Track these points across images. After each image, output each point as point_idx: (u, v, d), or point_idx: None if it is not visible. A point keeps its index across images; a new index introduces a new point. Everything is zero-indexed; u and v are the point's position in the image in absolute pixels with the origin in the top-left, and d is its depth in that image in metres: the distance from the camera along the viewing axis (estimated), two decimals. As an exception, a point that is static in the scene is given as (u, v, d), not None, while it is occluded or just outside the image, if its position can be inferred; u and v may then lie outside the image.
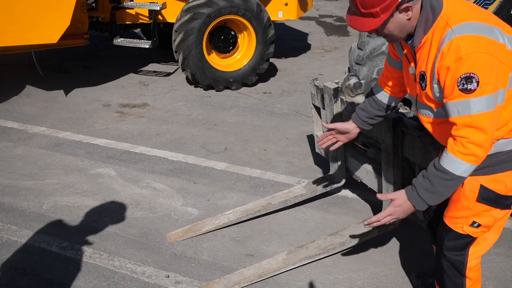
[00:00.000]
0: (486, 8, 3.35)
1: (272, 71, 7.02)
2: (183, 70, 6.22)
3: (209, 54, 6.26)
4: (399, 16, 1.98)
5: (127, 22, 6.62)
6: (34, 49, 5.84)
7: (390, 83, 2.49)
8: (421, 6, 2.00)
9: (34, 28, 5.34)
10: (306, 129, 5.10)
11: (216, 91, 6.27)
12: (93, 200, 3.77)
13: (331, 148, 2.71)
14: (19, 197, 3.81)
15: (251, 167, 4.33)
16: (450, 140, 1.97)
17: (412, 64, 2.14)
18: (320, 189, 3.62)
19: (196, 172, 4.24)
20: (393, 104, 2.56)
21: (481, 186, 2.09)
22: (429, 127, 2.19)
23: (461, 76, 1.86)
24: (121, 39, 6.54)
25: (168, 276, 2.96)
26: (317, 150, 3.90)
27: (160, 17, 6.48)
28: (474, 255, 2.25)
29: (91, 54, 7.74)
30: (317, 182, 3.67)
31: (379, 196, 2.20)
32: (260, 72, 6.38)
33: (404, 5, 1.95)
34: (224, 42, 6.36)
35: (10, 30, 5.26)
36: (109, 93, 6.17)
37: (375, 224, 2.17)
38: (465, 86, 1.86)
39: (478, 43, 1.87)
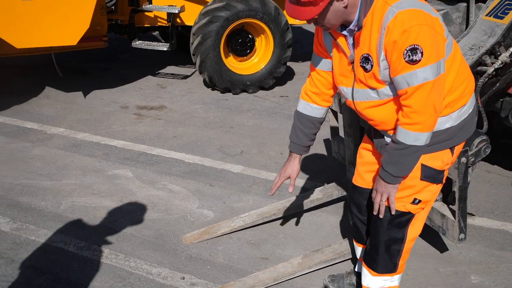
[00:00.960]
0: (507, 13, 3.33)
1: (289, 74, 7.02)
2: (200, 73, 6.25)
3: (226, 57, 6.28)
4: (336, 4, 2.07)
5: (145, 25, 6.67)
6: (54, 51, 5.91)
7: (318, 85, 2.50)
8: None
9: (54, 31, 5.41)
10: (322, 133, 5.05)
11: (233, 94, 6.28)
12: (110, 201, 3.80)
13: (290, 190, 2.74)
14: (38, 197, 3.85)
15: (267, 170, 4.33)
16: (400, 112, 2.13)
17: (348, 52, 2.22)
18: (336, 193, 3.61)
19: (212, 174, 4.25)
20: (324, 116, 2.62)
21: (422, 165, 2.25)
22: (371, 112, 2.27)
23: (407, 49, 1.99)
24: (140, 41, 6.58)
25: (184, 278, 2.97)
26: (333, 154, 3.89)
27: (178, 20, 6.52)
28: (412, 235, 2.42)
29: (110, 56, 7.81)
30: (333, 186, 3.65)
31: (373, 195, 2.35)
32: (277, 76, 6.38)
33: None
34: (242, 45, 6.38)
35: (31, 32, 5.33)
36: (127, 95, 6.22)
37: (381, 208, 2.31)
38: (411, 57, 1.99)
39: (418, 16, 2.01)
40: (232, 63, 6.35)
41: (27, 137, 4.96)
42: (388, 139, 2.30)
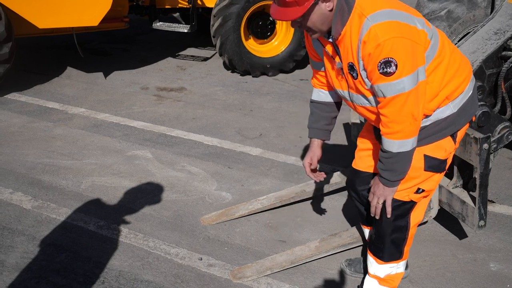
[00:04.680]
0: None
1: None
2: (220, 55, 6.24)
3: (246, 39, 6.25)
4: (321, 6, 2.07)
5: (166, 6, 6.66)
6: (75, 31, 5.94)
7: (324, 81, 2.53)
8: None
9: (76, 11, 5.43)
10: (342, 117, 5.01)
11: (253, 76, 6.26)
12: (129, 181, 3.83)
13: (319, 180, 2.67)
14: (59, 176, 3.90)
15: (286, 153, 4.33)
16: (380, 122, 2.17)
17: (337, 59, 2.22)
18: (355, 178, 3.59)
19: (231, 157, 4.26)
20: (338, 100, 2.60)
21: (425, 156, 2.27)
22: (368, 115, 2.31)
23: (381, 61, 2.02)
24: (160, 23, 6.59)
25: (201, 259, 2.99)
26: (352, 138, 3.86)
27: (199, 1, 6.51)
28: (414, 221, 2.46)
29: (131, 37, 7.83)
30: (351, 167, 3.63)
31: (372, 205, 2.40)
32: (297, 59, 6.34)
33: None
34: (262, 27, 6.34)
35: (53, 13, 5.36)
36: (147, 76, 6.24)
37: (376, 211, 2.37)
38: (385, 69, 2.02)
39: (393, 28, 2.02)
40: (252, 46, 6.33)
41: (49, 116, 5.01)
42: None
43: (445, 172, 2.38)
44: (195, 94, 5.70)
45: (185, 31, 6.43)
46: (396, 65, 2.01)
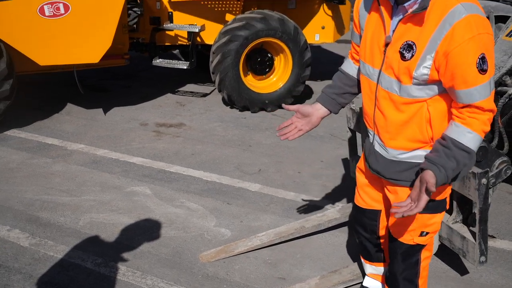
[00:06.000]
0: None
1: (308, 93, 7.03)
2: (219, 91, 6.29)
3: (245, 75, 6.31)
4: None
5: (166, 43, 6.75)
6: (76, 68, 6.00)
7: (357, 57, 2.35)
8: None
9: (77, 49, 5.50)
10: (341, 152, 5.07)
11: (252, 112, 6.30)
12: (128, 218, 3.81)
13: (290, 138, 2.39)
14: (57, 212, 3.88)
15: (285, 189, 4.32)
16: (474, 120, 1.94)
17: (388, 31, 2.04)
18: (354, 214, 3.57)
19: (230, 193, 4.25)
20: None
21: None
22: (385, 106, 2.09)
23: (479, 56, 1.86)
24: (160, 59, 6.66)
25: (200, 297, 2.96)
26: (351, 174, 3.86)
27: (198, 38, 6.59)
28: (425, 255, 2.38)
29: (131, 74, 7.91)
30: (351, 206, 3.62)
31: (430, 184, 1.97)
32: (296, 95, 6.39)
33: None
34: (261, 64, 6.41)
35: (54, 50, 5.43)
36: (146, 112, 6.28)
37: (413, 212, 2.00)
38: (482, 66, 1.87)
39: (486, 24, 1.89)
40: (251, 82, 6.39)
41: (48, 153, 5.02)
42: (381, 151, 2.20)
43: (446, 209, 2.33)
44: (194, 130, 5.73)
45: (185, 67, 6.50)
46: (487, 63, 1.88)
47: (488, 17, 3.96)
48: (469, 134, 1.96)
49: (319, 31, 6.93)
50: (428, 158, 2.01)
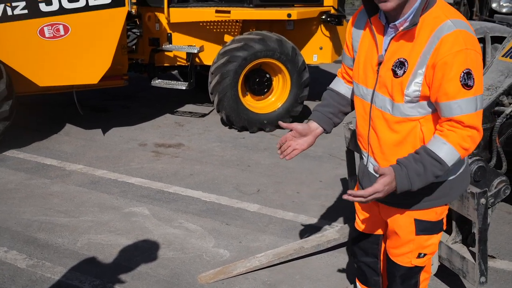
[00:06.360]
0: None
1: (306, 113, 7.05)
2: (218, 111, 6.31)
3: (244, 96, 6.34)
4: None
5: (165, 64, 6.79)
6: (75, 89, 6.03)
7: (349, 78, 2.37)
8: None
9: (76, 70, 5.53)
10: (339, 172, 5.07)
11: (250, 132, 6.32)
12: (126, 239, 3.80)
13: (287, 158, 2.37)
14: (55, 233, 3.87)
15: (283, 209, 4.31)
16: (451, 132, 1.94)
17: (381, 50, 2.05)
18: (353, 234, 3.56)
19: (228, 213, 4.24)
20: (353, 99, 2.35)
21: (415, 220, 2.18)
22: (380, 126, 2.10)
23: (464, 71, 1.87)
24: (159, 80, 6.70)
25: (198, 319, 2.93)
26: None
27: (197, 59, 6.64)
28: (424, 277, 2.39)
29: (130, 94, 7.94)
30: (353, 227, 3.61)
31: (375, 168, 2.04)
32: (294, 115, 6.42)
33: None
34: (259, 84, 6.44)
35: (54, 71, 5.46)
36: (145, 132, 6.29)
37: (358, 199, 1.99)
38: (467, 81, 1.88)
39: (475, 41, 1.92)
40: (250, 102, 6.41)
41: (47, 173, 5.01)
42: (375, 173, 2.16)
43: (442, 231, 2.31)
44: (193, 150, 5.73)
45: (183, 88, 6.53)
46: (473, 79, 1.89)
47: (484, 38, 3.99)
48: (443, 145, 1.95)
49: (317, 51, 6.98)
50: (397, 160, 2.03)
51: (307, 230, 3.94)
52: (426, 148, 1.98)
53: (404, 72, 1.98)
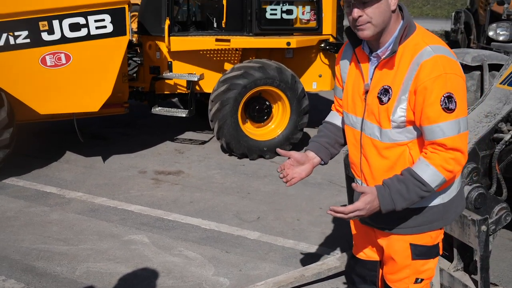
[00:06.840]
0: None
1: (306, 140, 7.05)
2: (218, 138, 6.33)
3: (244, 123, 6.37)
4: (388, 1, 1.98)
5: (165, 92, 6.84)
6: (76, 117, 6.05)
7: (341, 111, 2.40)
8: (402, 15, 2.06)
9: (77, 98, 5.56)
10: (339, 199, 5.05)
11: (250, 159, 6.32)
12: (125, 267, 3.77)
13: (288, 185, 2.38)
14: (53, 262, 3.84)
15: (284, 237, 4.29)
16: (435, 154, 1.98)
17: (366, 79, 2.12)
18: (354, 262, 3.54)
19: (228, 241, 4.22)
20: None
21: (411, 244, 2.18)
22: (370, 154, 2.15)
23: (444, 95, 1.93)
24: (159, 108, 6.73)
25: None
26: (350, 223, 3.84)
27: (197, 87, 6.68)
28: None
29: (130, 122, 7.97)
30: (351, 254, 3.59)
31: (353, 185, 2.12)
32: (294, 142, 6.43)
33: None
34: (259, 112, 6.47)
35: (54, 99, 5.49)
36: (145, 160, 6.29)
37: (339, 215, 2.07)
38: (448, 105, 1.93)
39: (456, 65, 1.98)
40: (249, 129, 6.43)
41: (46, 201, 5.00)
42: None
43: (439, 255, 2.30)
44: (192, 178, 5.73)
45: (183, 115, 6.56)
46: (455, 103, 1.93)
47: (482, 65, 4.02)
48: (426, 167, 1.99)
49: (316, 79, 7.03)
50: (382, 180, 2.07)
51: (308, 258, 3.91)
52: (410, 169, 2.03)
53: (389, 99, 2.04)
